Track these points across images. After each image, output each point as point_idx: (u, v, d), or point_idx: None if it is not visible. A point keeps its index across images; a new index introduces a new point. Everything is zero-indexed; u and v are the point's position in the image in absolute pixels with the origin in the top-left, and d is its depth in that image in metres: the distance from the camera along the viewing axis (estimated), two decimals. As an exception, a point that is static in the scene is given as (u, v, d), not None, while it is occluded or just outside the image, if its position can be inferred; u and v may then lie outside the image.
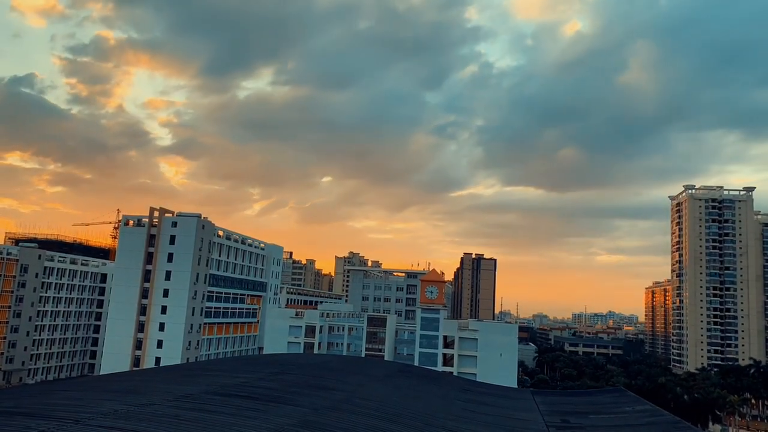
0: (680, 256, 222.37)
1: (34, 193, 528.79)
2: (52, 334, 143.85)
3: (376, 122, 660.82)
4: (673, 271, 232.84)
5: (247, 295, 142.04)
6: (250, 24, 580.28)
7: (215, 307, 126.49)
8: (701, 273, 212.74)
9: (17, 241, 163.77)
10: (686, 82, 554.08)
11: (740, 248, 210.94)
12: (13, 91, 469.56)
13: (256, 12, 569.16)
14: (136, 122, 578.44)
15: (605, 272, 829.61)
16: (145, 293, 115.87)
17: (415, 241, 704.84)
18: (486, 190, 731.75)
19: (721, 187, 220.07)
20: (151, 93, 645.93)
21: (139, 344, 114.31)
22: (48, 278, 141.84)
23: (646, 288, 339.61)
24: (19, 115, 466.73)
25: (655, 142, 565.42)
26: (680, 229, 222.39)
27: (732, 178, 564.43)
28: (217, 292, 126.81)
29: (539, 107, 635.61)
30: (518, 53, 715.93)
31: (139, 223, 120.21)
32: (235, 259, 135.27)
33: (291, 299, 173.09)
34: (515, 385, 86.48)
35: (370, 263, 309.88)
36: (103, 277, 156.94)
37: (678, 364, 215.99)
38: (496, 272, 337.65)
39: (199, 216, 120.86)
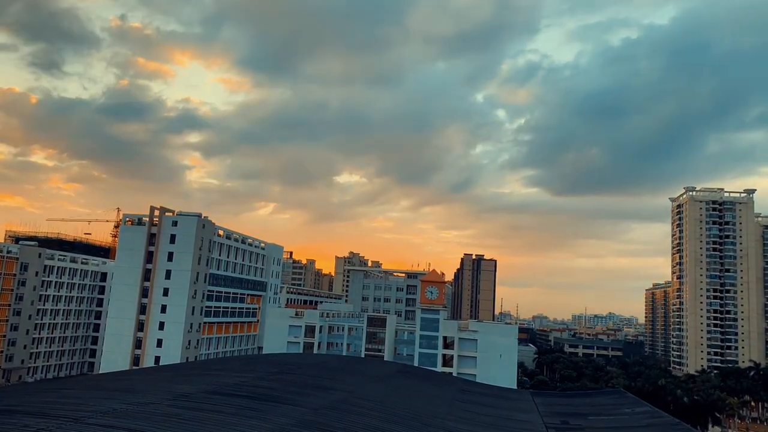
0: (680, 257, 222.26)
1: (51, 190, 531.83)
2: (52, 333, 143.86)
3: (411, 120, 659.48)
4: (673, 272, 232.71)
5: (247, 295, 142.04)
6: (291, 20, 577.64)
7: (215, 307, 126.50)
8: (701, 275, 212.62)
9: (17, 239, 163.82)
10: (734, 87, 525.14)
11: (740, 250, 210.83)
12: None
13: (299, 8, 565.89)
14: (163, 118, 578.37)
15: (612, 274, 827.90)
16: (145, 292, 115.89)
17: (429, 241, 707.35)
18: (508, 191, 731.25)
19: (722, 189, 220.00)
20: (183, 89, 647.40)
21: (138, 343, 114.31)
22: (48, 276, 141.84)
23: (646, 290, 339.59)
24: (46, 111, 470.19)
25: (687, 146, 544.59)
26: (680, 231, 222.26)
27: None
28: (217, 292, 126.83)
29: (577, 108, 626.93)
30: (559, 53, 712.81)
31: (139, 222, 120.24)
32: (236, 259, 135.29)
33: (291, 299, 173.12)
34: (515, 386, 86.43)
35: (370, 263, 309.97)
36: (103, 276, 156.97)
37: (678, 366, 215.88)
38: (496, 273, 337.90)
39: (199, 215, 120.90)
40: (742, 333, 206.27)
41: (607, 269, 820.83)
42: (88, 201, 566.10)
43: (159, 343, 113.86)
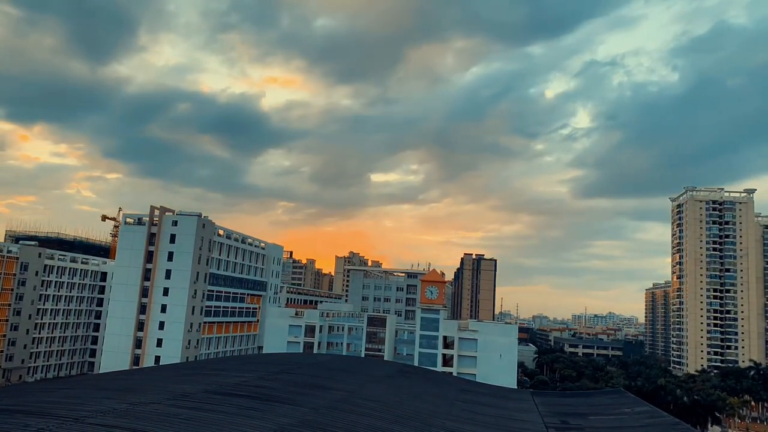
0: (681, 257, 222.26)
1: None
2: (52, 333, 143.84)
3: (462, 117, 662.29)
4: (673, 272, 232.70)
5: (247, 295, 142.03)
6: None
7: (215, 306, 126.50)
8: (701, 275, 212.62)
9: (17, 239, 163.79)
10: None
11: (740, 250, 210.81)
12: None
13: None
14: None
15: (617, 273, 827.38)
16: (145, 292, 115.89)
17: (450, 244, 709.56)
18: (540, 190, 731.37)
19: (722, 188, 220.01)
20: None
21: (138, 343, 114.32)
22: (48, 276, 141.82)
23: (646, 289, 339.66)
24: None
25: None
26: (681, 231, 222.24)
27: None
28: (217, 291, 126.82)
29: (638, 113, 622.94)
30: (623, 52, 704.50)
31: (139, 221, 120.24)
32: (236, 259, 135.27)
33: (291, 299, 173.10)
34: (515, 386, 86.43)
35: (370, 263, 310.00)
36: (103, 276, 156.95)
37: (678, 366, 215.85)
38: (497, 273, 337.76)
39: (199, 215, 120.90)
40: (742, 333, 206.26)
41: (616, 269, 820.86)
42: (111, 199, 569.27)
43: (159, 342, 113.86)
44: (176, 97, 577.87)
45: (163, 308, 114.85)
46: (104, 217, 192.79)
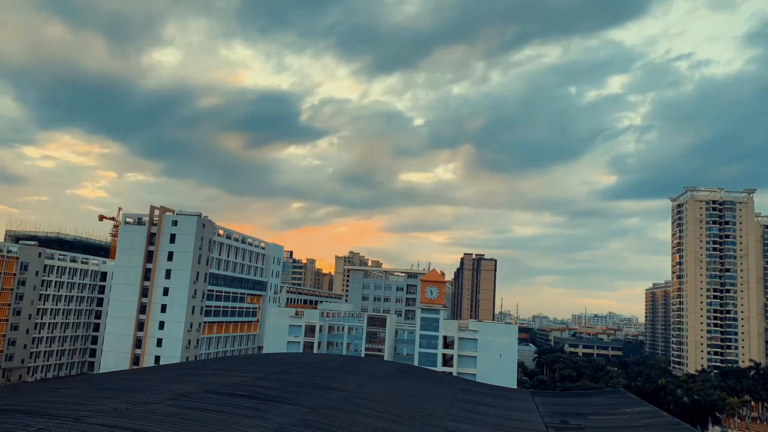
0: (681, 257, 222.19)
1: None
2: (52, 332, 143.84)
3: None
4: (673, 272, 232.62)
5: (247, 294, 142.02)
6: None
7: (215, 306, 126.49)
8: (701, 275, 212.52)
9: (17, 239, 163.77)
10: None
11: (741, 250, 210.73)
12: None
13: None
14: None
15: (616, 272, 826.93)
16: (145, 292, 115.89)
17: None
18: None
19: (722, 188, 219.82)
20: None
21: (138, 343, 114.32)
22: (48, 276, 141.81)
23: (646, 289, 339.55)
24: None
25: None
26: (681, 231, 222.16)
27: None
28: (217, 291, 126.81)
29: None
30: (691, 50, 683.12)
31: (139, 221, 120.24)
32: (236, 258, 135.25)
33: (291, 298, 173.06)
34: (515, 386, 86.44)
35: (370, 263, 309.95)
36: (103, 276, 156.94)
37: (678, 366, 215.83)
38: (497, 273, 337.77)
39: (199, 215, 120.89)
40: (742, 333, 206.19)
41: (616, 269, 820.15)
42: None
43: (159, 342, 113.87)
44: (195, 92, 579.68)
45: (163, 308, 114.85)
46: (101, 217, 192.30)
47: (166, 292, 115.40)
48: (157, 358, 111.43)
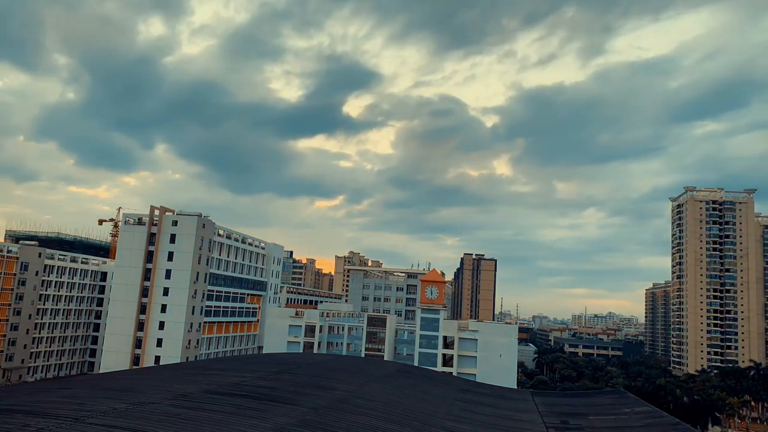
0: (681, 257, 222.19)
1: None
2: (52, 332, 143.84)
3: None
4: (673, 272, 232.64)
5: (247, 294, 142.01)
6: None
7: (215, 306, 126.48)
8: (701, 275, 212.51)
9: (17, 239, 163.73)
10: None
11: (741, 250, 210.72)
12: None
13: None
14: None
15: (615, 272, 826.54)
16: (145, 292, 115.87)
17: None
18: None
19: (722, 188, 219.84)
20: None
21: (138, 343, 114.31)
22: (48, 276, 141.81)
23: (646, 289, 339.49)
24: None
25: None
26: (680, 231, 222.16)
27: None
28: (217, 291, 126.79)
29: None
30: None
31: (139, 221, 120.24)
32: (236, 258, 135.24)
33: (291, 298, 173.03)
34: (515, 386, 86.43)
35: (370, 263, 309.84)
36: (104, 276, 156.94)
37: (678, 366, 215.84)
38: (497, 273, 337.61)
39: (199, 215, 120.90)
40: (742, 333, 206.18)
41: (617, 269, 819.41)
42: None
43: (159, 342, 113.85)
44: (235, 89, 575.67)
45: (163, 308, 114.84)
46: (101, 222, 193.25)
47: (166, 292, 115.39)
48: (157, 358, 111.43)
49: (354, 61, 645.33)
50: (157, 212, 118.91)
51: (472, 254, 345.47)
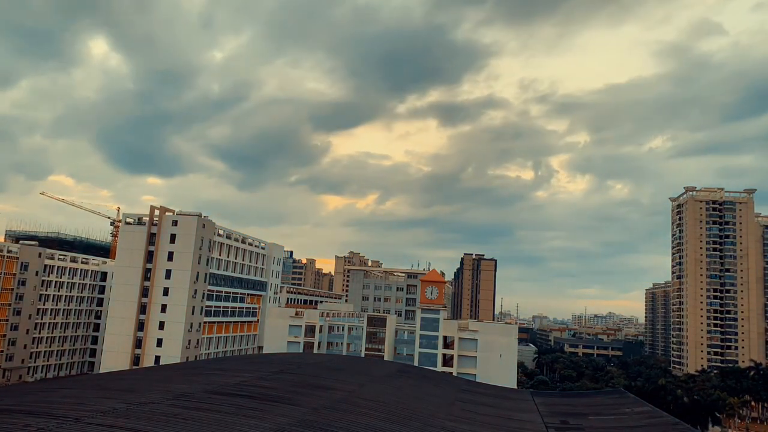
0: (681, 257, 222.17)
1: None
2: (52, 332, 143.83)
3: None
4: (673, 272, 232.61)
5: (247, 294, 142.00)
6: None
7: (215, 306, 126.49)
8: (701, 275, 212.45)
9: (17, 239, 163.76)
10: None
11: (741, 250, 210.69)
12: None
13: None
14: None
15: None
16: (145, 292, 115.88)
17: None
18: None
19: (722, 188, 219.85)
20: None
21: (138, 343, 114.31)
22: (48, 276, 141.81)
23: (646, 289, 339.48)
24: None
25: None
26: (680, 231, 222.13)
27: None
28: (217, 291, 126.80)
29: None
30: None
31: (139, 221, 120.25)
32: (236, 258, 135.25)
33: (291, 299, 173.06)
34: (515, 386, 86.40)
35: (370, 263, 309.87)
36: (104, 276, 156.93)
37: (678, 366, 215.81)
38: (497, 273, 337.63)
39: (199, 215, 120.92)
40: (742, 333, 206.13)
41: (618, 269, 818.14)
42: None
43: (159, 342, 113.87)
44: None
45: (163, 308, 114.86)
46: (114, 222, 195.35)
47: (166, 292, 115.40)
48: (157, 358, 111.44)
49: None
50: (157, 212, 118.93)
51: (472, 254, 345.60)
